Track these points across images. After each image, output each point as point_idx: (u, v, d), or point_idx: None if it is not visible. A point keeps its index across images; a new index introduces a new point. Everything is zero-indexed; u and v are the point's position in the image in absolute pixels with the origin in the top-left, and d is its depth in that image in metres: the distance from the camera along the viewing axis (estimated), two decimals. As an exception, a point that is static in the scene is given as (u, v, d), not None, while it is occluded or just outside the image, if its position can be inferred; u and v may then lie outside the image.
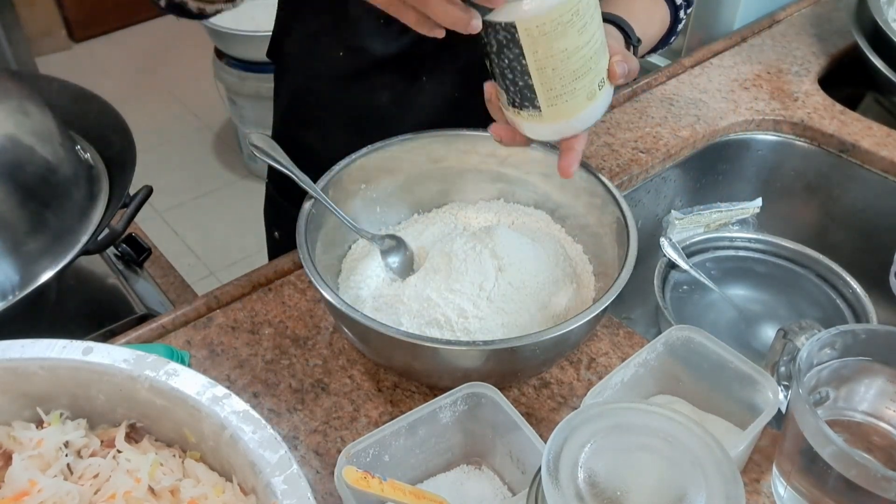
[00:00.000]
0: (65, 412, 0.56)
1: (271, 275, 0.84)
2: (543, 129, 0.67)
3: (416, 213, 0.86)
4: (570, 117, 0.65)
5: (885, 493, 0.53)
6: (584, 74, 0.63)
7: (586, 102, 0.64)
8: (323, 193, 0.75)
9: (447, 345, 0.65)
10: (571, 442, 0.50)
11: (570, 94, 0.63)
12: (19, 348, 0.54)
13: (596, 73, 0.64)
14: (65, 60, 3.15)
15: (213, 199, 2.59)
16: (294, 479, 0.48)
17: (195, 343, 0.77)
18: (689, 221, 0.98)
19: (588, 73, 0.63)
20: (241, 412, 0.52)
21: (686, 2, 0.89)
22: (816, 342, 0.60)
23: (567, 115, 0.65)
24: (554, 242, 0.80)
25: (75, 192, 0.81)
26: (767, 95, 1.09)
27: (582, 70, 0.62)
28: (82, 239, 0.78)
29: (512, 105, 0.66)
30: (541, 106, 0.64)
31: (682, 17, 0.90)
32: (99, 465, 0.53)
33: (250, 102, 2.39)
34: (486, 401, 0.63)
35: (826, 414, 0.63)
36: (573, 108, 0.64)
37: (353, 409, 0.72)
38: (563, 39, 0.60)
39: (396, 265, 0.78)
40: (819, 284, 0.94)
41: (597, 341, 0.77)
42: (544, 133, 0.67)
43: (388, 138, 0.81)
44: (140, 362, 0.54)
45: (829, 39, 1.19)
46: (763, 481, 0.66)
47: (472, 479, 0.66)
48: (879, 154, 0.99)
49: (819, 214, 1.07)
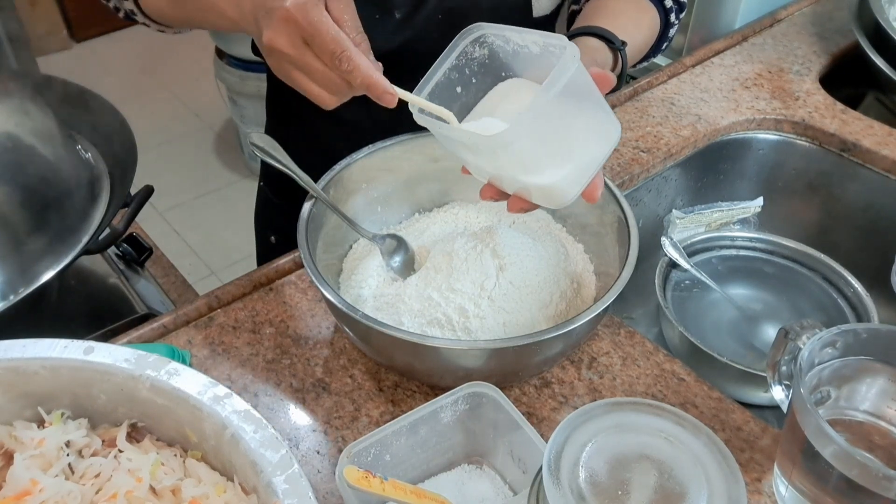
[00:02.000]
0: (66, 412, 0.56)
1: (272, 274, 0.84)
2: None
3: (417, 212, 0.86)
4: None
5: (886, 492, 0.53)
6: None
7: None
8: (324, 193, 0.75)
9: (448, 344, 0.65)
10: (572, 441, 0.50)
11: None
12: (21, 348, 0.54)
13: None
14: (66, 60, 3.15)
15: (214, 198, 2.59)
16: (295, 479, 0.48)
17: (196, 343, 0.77)
18: (690, 221, 0.98)
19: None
20: (243, 412, 0.52)
21: (677, 6, 0.88)
22: (818, 341, 0.60)
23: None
24: (555, 242, 0.80)
25: (76, 192, 0.81)
26: (768, 94, 1.09)
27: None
28: (83, 238, 0.78)
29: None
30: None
31: (674, 22, 0.89)
32: (100, 465, 0.53)
33: (251, 102, 2.39)
34: (487, 400, 0.63)
35: (827, 413, 0.63)
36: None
37: (354, 409, 0.72)
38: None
39: (397, 265, 0.78)
40: (820, 284, 0.94)
41: (598, 341, 0.77)
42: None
43: (389, 138, 0.81)
44: (141, 362, 0.54)
45: (830, 38, 1.19)
46: (764, 481, 0.66)
47: (473, 479, 0.66)
48: (881, 153, 0.99)
49: (820, 214, 1.07)
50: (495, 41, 0.65)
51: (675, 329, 0.85)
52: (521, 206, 0.66)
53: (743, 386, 0.82)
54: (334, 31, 0.63)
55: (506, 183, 0.65)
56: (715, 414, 0.71)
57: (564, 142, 0.62)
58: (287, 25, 0.64)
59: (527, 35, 0.63)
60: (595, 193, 0.65)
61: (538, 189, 0.63)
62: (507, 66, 0.66)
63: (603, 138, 0.64)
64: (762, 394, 0.82)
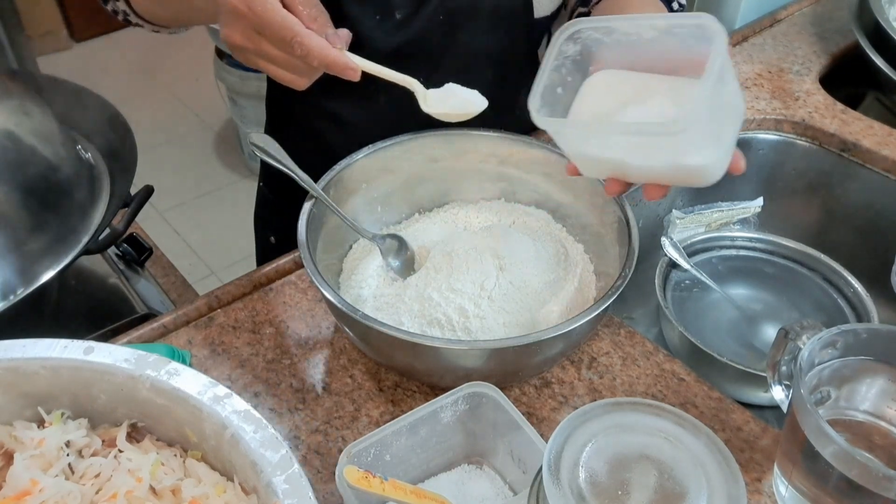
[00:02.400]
0: (66, 412, 0.56)
1: (272, 274, 0.84)
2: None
3: (417, 212, 0.86)
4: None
5: (886, 492, 0.53)
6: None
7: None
8: (324, 193, 0.75)
9: (448, 344, 0.65)
10: (572, 441, 0.50)
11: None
12: (20, 348, 0.54)
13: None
14: (66, 60, 3.15)
15: (214, 198, 2.59)
16: (295, 479, 0.48)
17: (196, 343, 0.77)
18: (690, 221, 0.98)
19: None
20: (243, 412, 0.52)
21: (680, 8, 0.88)
22: (818, 341, 0.60)
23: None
24: (555, 242, 0.80)
25: (76, 192, 0.81)
26: (768, 94, 1.08)
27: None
28: (83, 239, 0.78)
29: None
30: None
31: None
32: (100, 465, 0.53)
33: (251, 102, 2.39)
34: (487, 400, 0.63)
35: (827, 413, 0.63)
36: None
37: (354, 409, 0.72)
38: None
39: (397, 265, 0.78)
40: (820, 284, 0.94)
41: (598, 341, 0.77)
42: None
43: (389, 138, 0.81)
44: (141, 362, 0.54)
45: (830, 38, 1.19)
46: (765, 481, 0.66)
47: (473, 479, 0.66)
48: (881, 153, 0.99)
49: (820, 214, 1.07)
50: (591, 34, 0.64)
51: (675, 329, 0.85)
52: (661, 192, 0.65)
53: (743, 386, 0.82)
54: (280, 17, 0.63)
55: (643, 174, 0.64)
56: (715, 414, 0.71)
57: (718, 119, 0.61)
58: (237, 19, 0.64)
59: (642, 21, 0.62)
60: (741, 164, 0.64)
61: (693, 170, 0.62)
62: (597, 59, 0.65)
63: (738, 111, 0.64)
64: (762, 394, 0.82)
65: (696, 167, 0.62)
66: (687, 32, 0.61)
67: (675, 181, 0.65)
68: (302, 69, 0.67)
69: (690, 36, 0.61)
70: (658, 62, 0.62)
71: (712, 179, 0.64)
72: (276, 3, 0.64)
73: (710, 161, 0.62)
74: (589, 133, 0.63)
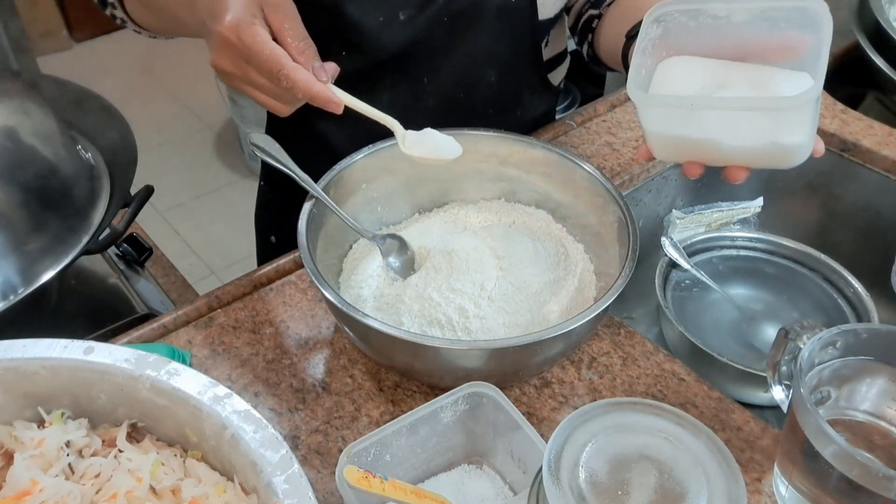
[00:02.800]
0: (66, 412, 0.56)
1: (272, 274, 0.84)
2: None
3: (417, 212, 0.86)
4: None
5: (886, 492, 0.53)
6: None
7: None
8: (324, 193, 0.75)
9: (448, 344, 0.65)
10: (573, 441, 0.50)
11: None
12: (21, 348, 0.54)
13: None
14: (66, 60, 3.15)
15: (214, 198, 2.59)
16: (295, 479, 0.48)
17: (196, 343, 0.77)
18: (690, 221, 0.98)
19: None
20: (243, 412, 0.52)
21: None
22: (818, 341, 0.60)
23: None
24: (555, 242, 0.80)
25: (76, 192, 0.81)
26: (769, 95, 1.08)
27: None
28: (83, 238, 0.78)
29: None
30: None
31: None
32: (100, 465, 0.53)
33: (251, 102, 2.35)
34: (487, 400, 0.63)
35: (827, 413, 0.63)
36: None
37: (354, 409, 0.72)
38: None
39: (397, 265, 0.78)
40: (820, 284, 0.94)
41: (598, 341, 0.77)
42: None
43: (389, 138, 0.81)
44: (141, 362, 0.54)
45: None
46: (765, 481, 0.66)
47: (473, 479, 0.66)
48: (881, 153, 0.99)
49: (820, 214, 1.07)
50: (677, 17, 0.63)
51: (675, 329, 0.85)
52: (745, 173, 0.65)
53: (743, 386, 0.82)
54: (268, 49, 0.65)
55: (732, 154, 0.64)
56: (715, 414, 0.71)
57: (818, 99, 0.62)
58: (226, 47, 0.66)
59: (735, 4, 0.62)
60: (821, 146, 0.65)
61: (788, 150, 0.62)
62: (675, 45, 0.65)
63: (815, 94, 0.63)
64: (762, 394, 0.82)
65: (793, 146, 0.62)
66: (784, 16, 0.60)
67: (762, 162, 0.65)
68: (287, 98, 0.69)
69: (787, 20, 0.60)
70: (743, 47, 0.61)
71: (802, 159, 0.64)
72: (266, 36, 0.65)
73: (807, 140, 0.62)
74: (693, 108, 0.61)
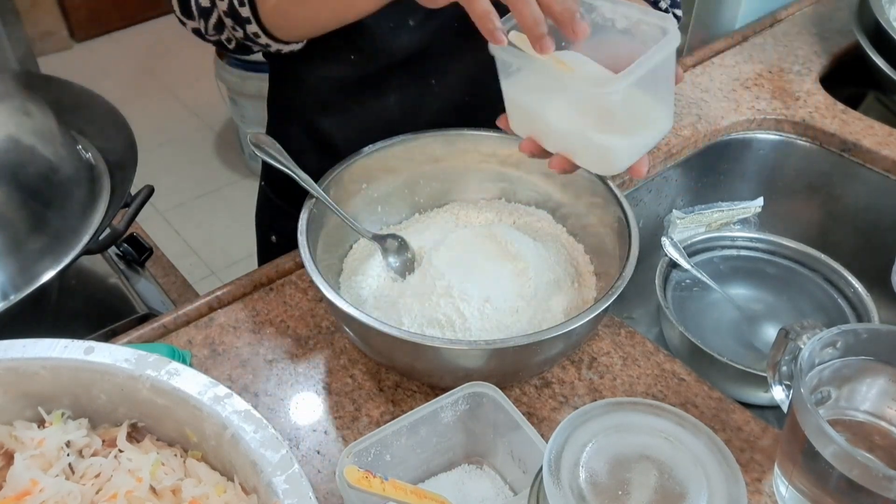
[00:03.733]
0: (66, 412, 0.56)
1: (273, 274, 0.84)
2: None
3: (418, 212, 0.86)
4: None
5: (886, 492, 0.53)
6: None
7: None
8: (324, 193, 0.75)
9: (448, 344, 0.65)
10: (573, 441, 0.50)
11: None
12: (21, 348, 0.54)
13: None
14: (66, 60, 3.15)
15: (214, 198, 2.59)
16: (295, 479, 0.48)
17: (196, 343, 0.77)
18: (690, 221, 0.98)
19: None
20: (243, 412, 0.52)
21: (676, 20, 0.87)
22: (818, 341, 0.60)
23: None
24: (555, 242, 0.80)
25: (77, 192, 0.81)
26: (769, 95, 1.08)
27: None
28: (84, 238, 0.78)
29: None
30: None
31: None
32: (100, 465, 0.53)
33: (251, 102, 2.39)
34: (487, 400, 0.62)
35: (828, 413, 0.63)
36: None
37: (354, 409, 0.72)
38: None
39: (397, 265, 0.78)
40: (821, 284, 0.94)
41: (598, 341, 0.77)
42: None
43: (389, 138, 0.81)
44: (141, 362, 0.54)
45: (830, 38, 1.19)
46: (765, 481, 0.66)
47: (473, 479, 0.66)
48: (881, 153, 0.99)
49: (820, 214, 1.07)
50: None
51: (676, 329, 0.85)
52: (564, 165, 0.66)
53: (743, 386, 0.82)
54: None
55: (558, 139, 0.65)
56: (715, 414, 0.71)
57: (638, 113, 0.62)
58: None
59: (621, 8, 0.62)
60: (642, 170, 0.66)
61: (598, 149, 0.63)
62: (562, 36, 0.64)
63: (660, 124, 0.65)
64: (762, 394, 0.82)
65: (604, 147, 0.63)
66: (648, 32, 0.61)
67: (582, 158, 0.66)
68: None
69: (651, 37, 0.60)
70: (619, 56, 0.61)
71: (614, 168, 0.65)
72: None
73: (618, 147, 0.63)
74: (532, 69, 0.63)
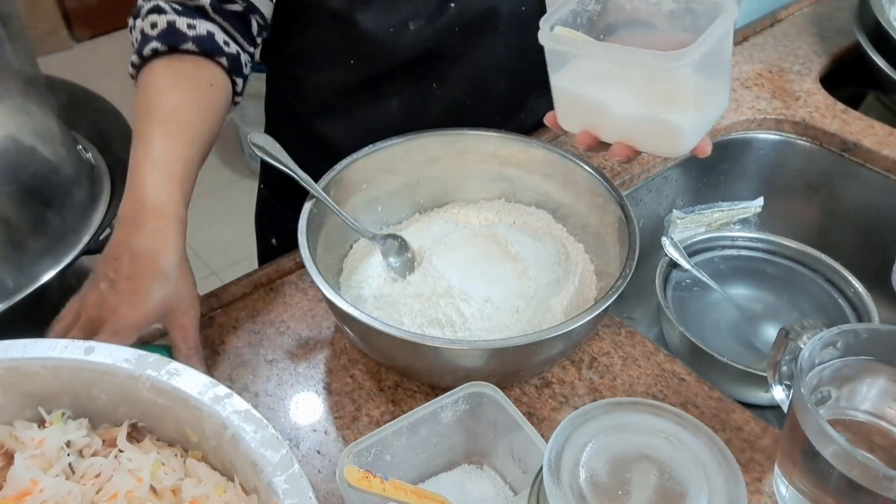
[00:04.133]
0: (66, 412, 0.56)
1: (273, 274, 0.84)
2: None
3: (418, 212, 0.86)
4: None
5: (886, 492, 0.53)
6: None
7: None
8: (324, 193, 0.75)
9: (448, 344, 0.65)
10: (573, 441, 0.50)
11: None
12: (21, 348, 0.54)
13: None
14: (66, 60, 3.15)
15: (214, 198, 2.59)
16: (295, 479, 0.48)
17: (197, 343, 0.77)
18: (690, 221, 0.98)
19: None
20: (243, 412, 0.52)
21: None
22: (818, 341, 0.60)
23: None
24: (555, 242, 0.80)
25: (77, 192, 0.81)
26: (769, 94, 1.08)
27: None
28: (84, 239, 0.78)
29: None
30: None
31: None
32: (101, 465, 0.53)
33: (251, 102, 2.36)
34: (487, 400, 0.62)
35: (828, 413, 0.63)
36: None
37: (354, 409, 0.72)
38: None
39: (398, 265, 0.78)
40: (821, 284, 0.94)
41: (598, 341, 0.77)
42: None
43: (389, 138, 0.81)
44: (141, 362, 0.54)
45: (830, 38, 1.19)
46: (765, 481, 0.66)
47: (473, 479, 0.66)
48: (881, 153, 0.99)
49: (821, 214, 1.07)
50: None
51: (676, 329, 0.85)
52: (627, 153, 0.66)
53: (743, 386, 0.82)
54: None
55: (620, 125, 0.64)
56: (715, 414, 0.71)
57: (700, 91, 0.61)
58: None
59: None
60: (707, 148, 0.65)
61: (665, 129, 0.62)
62: (611, 27, 0.64)
63: (720, 100, 0.64)
64: (763, 394, 0.82)
65: (673, 125, 0.62)
66: (703, 11, 0.60)
67: (648, 142, 0.65)
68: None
69: (706, 16, 0.59)
70: (664, 44, 0.60)
71: (683, 147, 0.64)
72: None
73: (687, 125, 0.62)
74: (592, 56, 0.62)
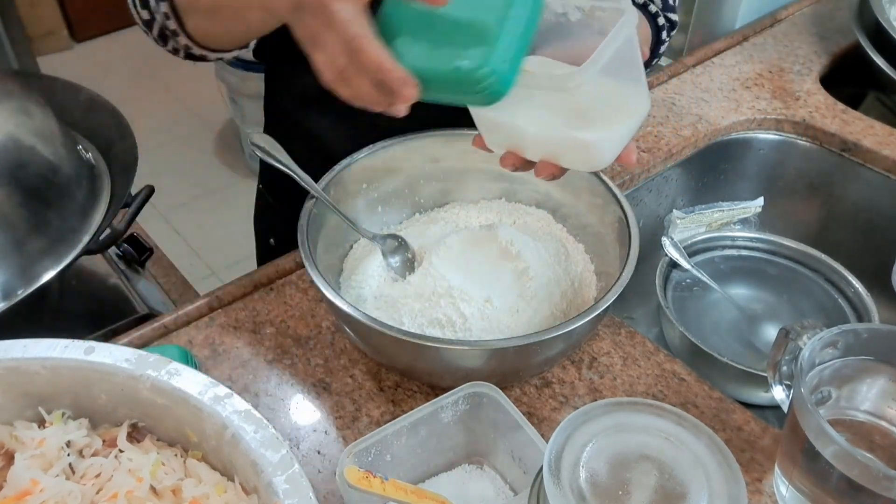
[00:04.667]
0: (67, 412, 0.56)
1: (273, 274, 0.84)
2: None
3: (418, 212, 0.86)
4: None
5: (887, 492, 0.53)
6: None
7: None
8: (324, 193, 0.75)
9: (449, 344, 0.65)
10: (573, 441, 0.50)
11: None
12: (21, 348, 0.54)
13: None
14: (67, 60, 3.15)
15: (214, 198, 2.59)
16: (296, 479, 0.48)
17: (197, 343, 0.77)
18: (690, 221, 0.98)
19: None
20: (243, 412, 0.52)
21: (669, 24, 0.86)
22: (818, 341, 0.60)
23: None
24: (555, 242, 0.80)
25: (77, 192, 0.81)
26: (769, 94, 1.08)
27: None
28: (84, 238, 0.78)
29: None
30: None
31: (664, 39, 0.87)
32: (101, 465, 0.53)
33: (252, 102, 2.39)
34: (487, 400, 0.63)
35: (828, 413, 0.63)
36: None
37: (354, 409, 0.72)
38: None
39: (398, 265, 0.78)
40: (821, 284, 0.94)
41: (598, 341, 0.77)
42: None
43: (389, 138, 0.81)
44: (142, 362, 0.54)
45: (830, 38, 1.19)
46: (765, 481, 0.66)
47: (473, 479, 0.66)
48: (881, 153, 0.99)
49: (821, 214, 1.07)
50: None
51: (676, 329, 0.85)
52: (551, 171, 0.65)
53: (743, 386, 0.82)
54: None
55: (537, 146, 0.63)
56: (715, 414, 0.71)
57: (612, 101, 0.61)
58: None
59: (572, 0, 0.61)
60: (632, 157, 0.64)
61: (580, 146, 0.61)
62: (534, 43, 0.63)
63: (638, 107, 0.63)
64: (763, 394, 0.82)
65: (587, 142, 0.61)
66: (606, 17, 0.59)
67: (566, 159, 0.64)
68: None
69: (610, 22, 0.57)
70: (586, 51, 0.58)
71: (601, 161, 0.63)
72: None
73: (600, 140, 0.61)
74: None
